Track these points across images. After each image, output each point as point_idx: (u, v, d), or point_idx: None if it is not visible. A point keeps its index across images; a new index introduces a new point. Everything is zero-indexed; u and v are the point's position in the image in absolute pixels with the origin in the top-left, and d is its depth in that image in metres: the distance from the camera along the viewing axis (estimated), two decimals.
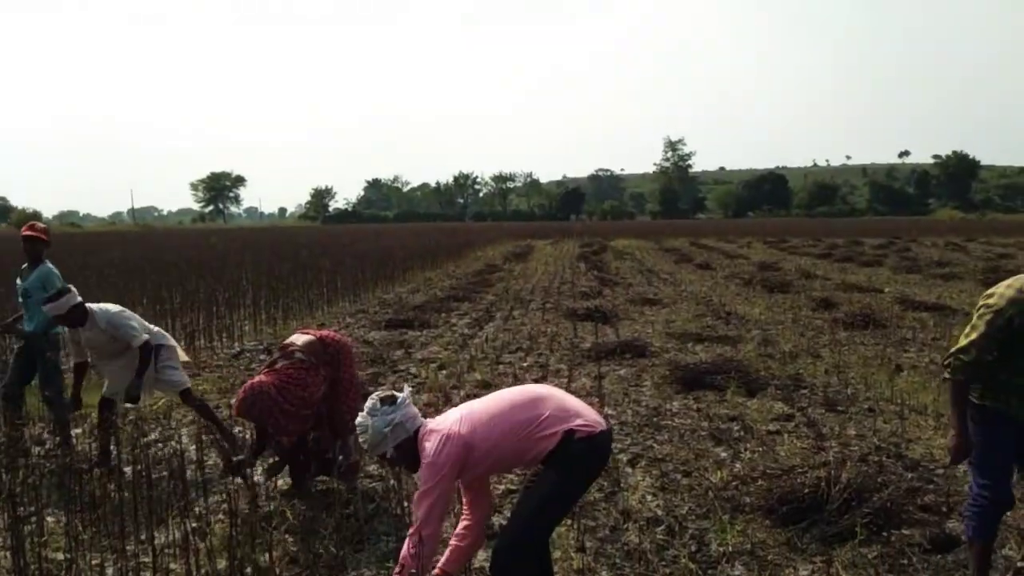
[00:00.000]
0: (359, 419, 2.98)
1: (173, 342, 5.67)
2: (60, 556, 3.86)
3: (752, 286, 15.45)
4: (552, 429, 2.94)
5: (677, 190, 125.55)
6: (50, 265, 5.77)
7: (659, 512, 4.40)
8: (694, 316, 11.69)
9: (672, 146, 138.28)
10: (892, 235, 38.05)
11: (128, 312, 5.40)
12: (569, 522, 4.24)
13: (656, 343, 9.38)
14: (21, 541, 3.62)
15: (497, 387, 7.31)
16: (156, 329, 5.58)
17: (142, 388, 5.23)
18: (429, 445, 2.93)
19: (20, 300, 5.80)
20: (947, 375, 3.18)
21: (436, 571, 3.11)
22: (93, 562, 3.81)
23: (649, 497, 4.64)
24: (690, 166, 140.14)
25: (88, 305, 5.16)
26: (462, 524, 3.19)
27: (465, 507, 3.21)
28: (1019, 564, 3.59)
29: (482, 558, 3.74)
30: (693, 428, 5.96)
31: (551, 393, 3.13)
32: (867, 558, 3.72)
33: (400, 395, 3.02)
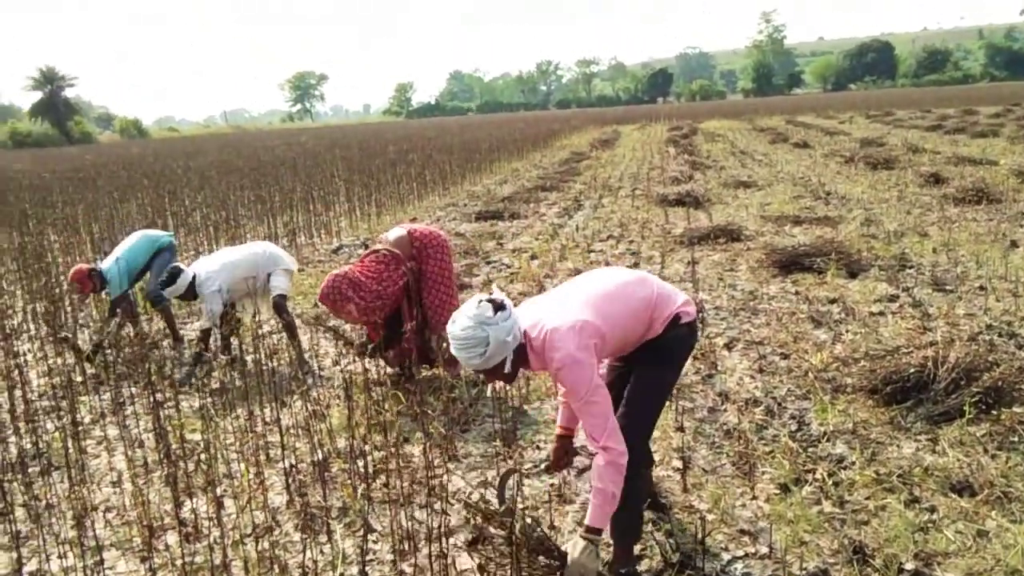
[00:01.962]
0: (468, 332, 2.53)
1: (287, 264, 5.60)
2: (197, 436, 4.23)
3: (854, 164, 14.73)
4: (666, 311, 2.75)
5: (771, 65, 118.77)
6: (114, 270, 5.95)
7: (757, 393, 4.43)
8: (791, 198, 11.31)
9: (766, 17, 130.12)
10: (1010, 102, 35.14)
11: (227, 271, 5.34)
12: (668, 403, 4.33)
13: (751, 227, 9.17)
14: (162, 424, 3.99)
15: None
16: (268, 253, 5.54)
17: (190, 378, 5.20)
18: (560, 344, 2.54)
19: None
20: None
21: (559, 430, 3.02)
22: (227, 442, 4.17)
23: (747, 379, 4.67)
24: (785, 38, 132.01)
25: (195, 273, 5.27)
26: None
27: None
28: None
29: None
30: (791, 311, 5.88)
31: (647, 275, 2.95)
32: (975, 436, 3.68)
33: (502, 296, 2.64)
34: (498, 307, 2.56)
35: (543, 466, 3.11)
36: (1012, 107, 31.68)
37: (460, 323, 2.56)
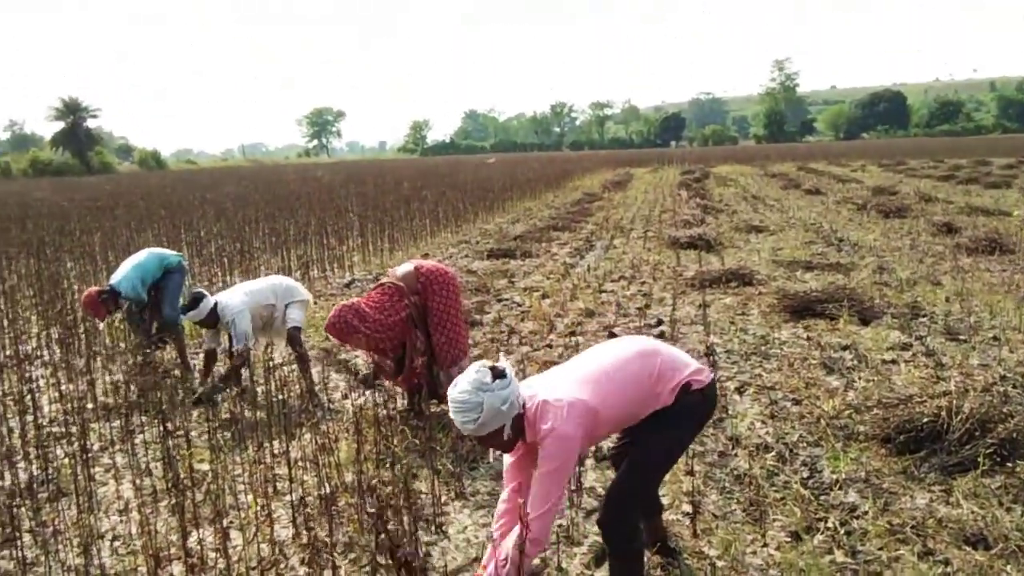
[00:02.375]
0: (464, 396, 2.56)
1: (303, 296, 5.67)
2: (205, 466, 4.23)
3: (866, 211, 14.77)
4: (670, 383, 2.74)
5: (784, 112, 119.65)
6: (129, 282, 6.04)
7: (768, 439, 4.40)
8: (803, 243, 11.32)
9: (779, 65, 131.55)
10: (1023, 154, 35.25)
11: (249, 296, 5.43)
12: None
13: (763, 271, 9.18)
14: (170, 453, 3.99)
15: (601, 315, 7.38)
16: (285, 285, 5.63)
17: (214, 393, 5.34)
18: (552, 416, 2.58)
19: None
20: None
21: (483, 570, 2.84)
22: (235, 472, 4.16)
23: (758, 424, 4.64)
24: (797, 86, 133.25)
25: (217, 301, 5.35)
26: (502, 509, 2.88)
27: (509, 491, 2.87)
28: None
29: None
30: (803, 357, 5.86)
31: (654, 345, 2.93)
32: (990, 488, 3.63)
33: (505, 365, 2.65)
34: (498, 374, 2.58)
35: None
36: None
37: (459, 387, 2.59)
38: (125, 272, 6.06)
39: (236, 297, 5.40)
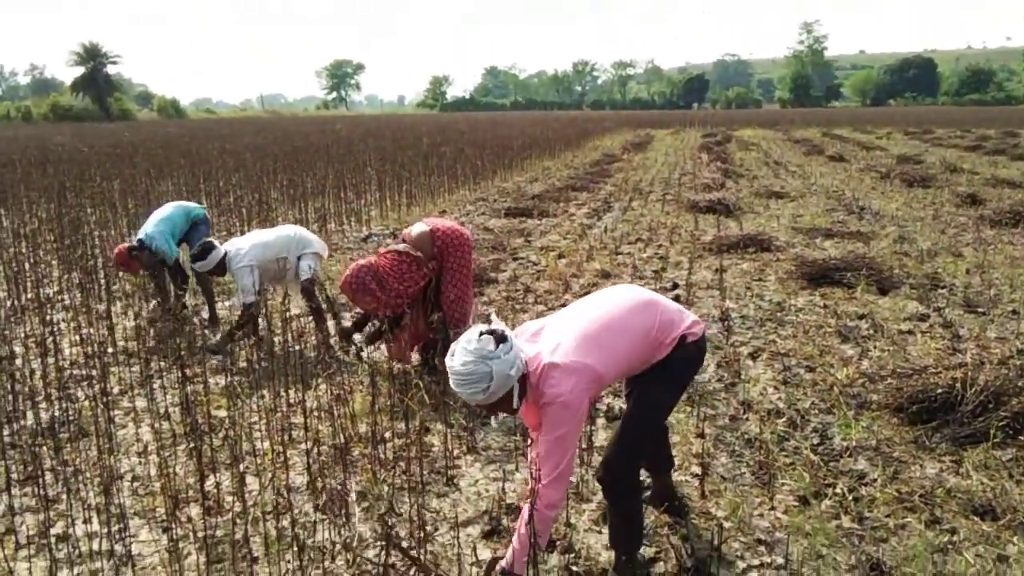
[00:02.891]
0: (470, 367, 2.44)
1: (316, 247, 5.61)
2: (222, 413, 4.30)
3: (889, 180, 14.55)
4: (670, 335, 2.72)
5: (810, 76, 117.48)
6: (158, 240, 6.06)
7: (780, 405, 4.41)
8: (824, 211, 11.20)
9: (807, 28, 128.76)
10: None
11: (258, 249, 5.41)
12: (688, 409, 4.34)
13: (782, 237, 9.10)
14: (188, 400, 4.06)
15: (617, 277, 7.36)
16: (298, 236, 5.57)
17: (225, 345, 5.39)
18: (557, 381, 2.50)
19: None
20: None
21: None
22: (251, 420, 4.23)
23: (770, 390, 4.64)
24: (825, 49, 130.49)
25: (226, 250, 5.38)
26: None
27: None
28: None
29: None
30: (819, 324, 5.84)
31: (652, 295, 2.85)
32: (1001, 460, 3.64)
33: (501, 326, 2.54)
34: (499, 339, 2.46)
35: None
36: None
37: (460, 358, 2.46)
38: (154, 226, 6.06)
39: (244, 249, 5.35)
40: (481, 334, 2.47)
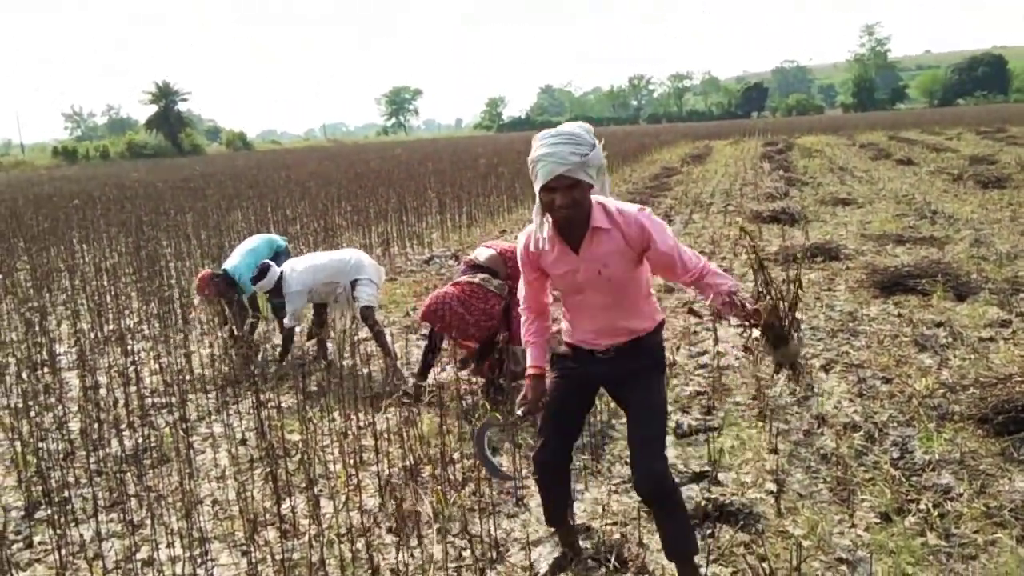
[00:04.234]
0: (579, 132, 2.46)
1: (369, 274, 5.63)
2: (296, 437, 4.40)
3: (962, 182, 14.05)
4: (655, 306, 2.78)
5: (874, 79, 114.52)
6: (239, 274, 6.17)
7: (856, 418, 4.28)
8: (894, 216, 10.87)
9: (869, 30, 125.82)
10: None
11: (311, 273, 5.53)
12: (760, 424, 4.25)
13: (850, 245, 8.87)
14: (263, 423, 4.17)
15: (681, 291, 7.28)
16: (353, 262, 5.63)
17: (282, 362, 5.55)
18: (620, 204, 2.62)
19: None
20: None
21: (534, 370, 2.82)
22: (323, 443, 4.32)
23: (845, 403, 4.51)
24: (889, 51, 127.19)
25: (282, 271, 5.52)
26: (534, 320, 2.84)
27: (535, 301, 2.82)
28: None
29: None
30: (894, 334, 5.66)
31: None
32: None
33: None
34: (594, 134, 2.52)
35: (520, 410, 2.85)
36: None
37: (569, 127, 2.47)
38: (240, 257, 6.16)
39: (297, 272, 5.49)
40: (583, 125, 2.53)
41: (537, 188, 2.44)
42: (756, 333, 2.63)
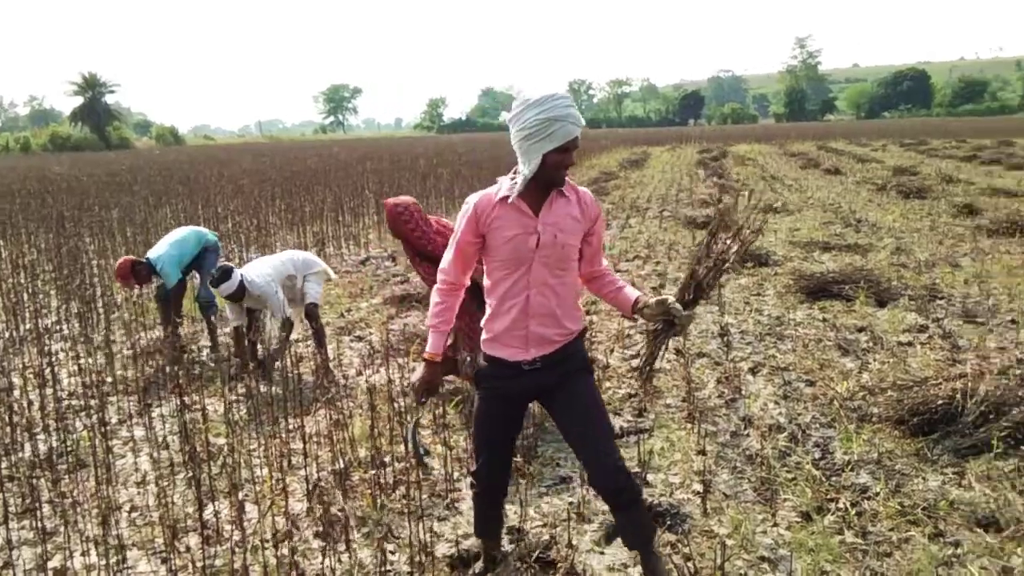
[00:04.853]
0: (567, 94, 2.49)
1: (321, 267, 5.72)
2: (221, 440, 4.28)
3: (886, 192, 14.60)
4: (580, 310, 2.74)
5: (805, 90, 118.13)
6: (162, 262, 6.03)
7: (781, 419, 4.39)
8: (821, 224, 11.23)
9: (800, 43, 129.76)
10: None
11: (273, 269, 5.41)
12: (689, 426, 4.32)
13: (779, 251, 9.12)
14: (187, 427, 4.04)
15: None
16: (302, 257, 5.67)
17: (280, 355, 5.36)
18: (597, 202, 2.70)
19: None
20: None
21: (431, 356, 2.72)
22: (250, 447, 4.22)
23: (771, 405, 4.63)
24: (819, 63, 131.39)
25: (243, 276, 5.28)
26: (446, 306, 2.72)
27: (460, 274, 2.68)
28: None
29: None
30: (818, 338, 5.83)
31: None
32: (1003, 471, 3.62)
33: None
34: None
35: (414, 398, 2.78)
36: None
37: (558, 91, 2.48)
38: (165, 248, 6.03)
39: (263, 271, 5.37)
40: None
41: (548, 148, 2.44)
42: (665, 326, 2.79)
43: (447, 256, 2.68)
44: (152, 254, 6.01)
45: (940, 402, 4.09)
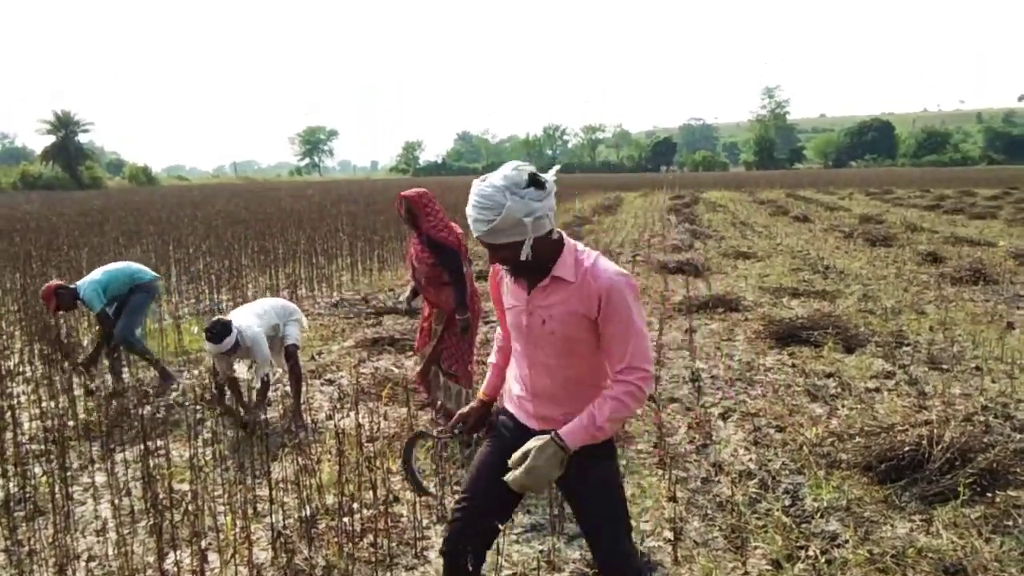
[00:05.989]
0: (489, 192, 2.16)
1: (299, 315, 5.72)
2: (185, 487, 4.19)
3: (853, 239, 14.90)
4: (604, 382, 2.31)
5: (774, 139, 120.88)
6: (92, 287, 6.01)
7: (752, 466, 4.40)
8: (790, 270, 11.40)
9: (769, 93, 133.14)
10: (1008, 185, 35.69)
11: (258, 319, 5.29)
12: (660, 472, 4.31)
13: (749, 297, 9.23)
14: (150, 472, 3.95)
15: None
16: (281, 304, 5.64)
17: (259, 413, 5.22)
18: (617, 270, 2.27)
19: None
20: None
21: (485, 396, 2.59)
22: (215, 493, 4.13)
23: (741, 451, 4.64)
24: (787, 113, 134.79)
25: (237, 329, 5.06)
26: (501, 347, 2.60)
27: (503, 327, 2.55)
28: None
29: None
30: (787, 383, 5.88)
31: None
32: (970, 518, 3.65)
33: (549, 178, 2.23)
34: (535, 182, 2.15)
35: (455, 430, 2.59)
36: (1010, 190, 32.12)
37: (490, 180, 2.19)
38: (93, 276, 6.11)
39: (249, 321, 5.20)
40: (518, 168, 2.19)
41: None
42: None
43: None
44: (80, 281, 6.13)
45: (907, 448, 4.13)
